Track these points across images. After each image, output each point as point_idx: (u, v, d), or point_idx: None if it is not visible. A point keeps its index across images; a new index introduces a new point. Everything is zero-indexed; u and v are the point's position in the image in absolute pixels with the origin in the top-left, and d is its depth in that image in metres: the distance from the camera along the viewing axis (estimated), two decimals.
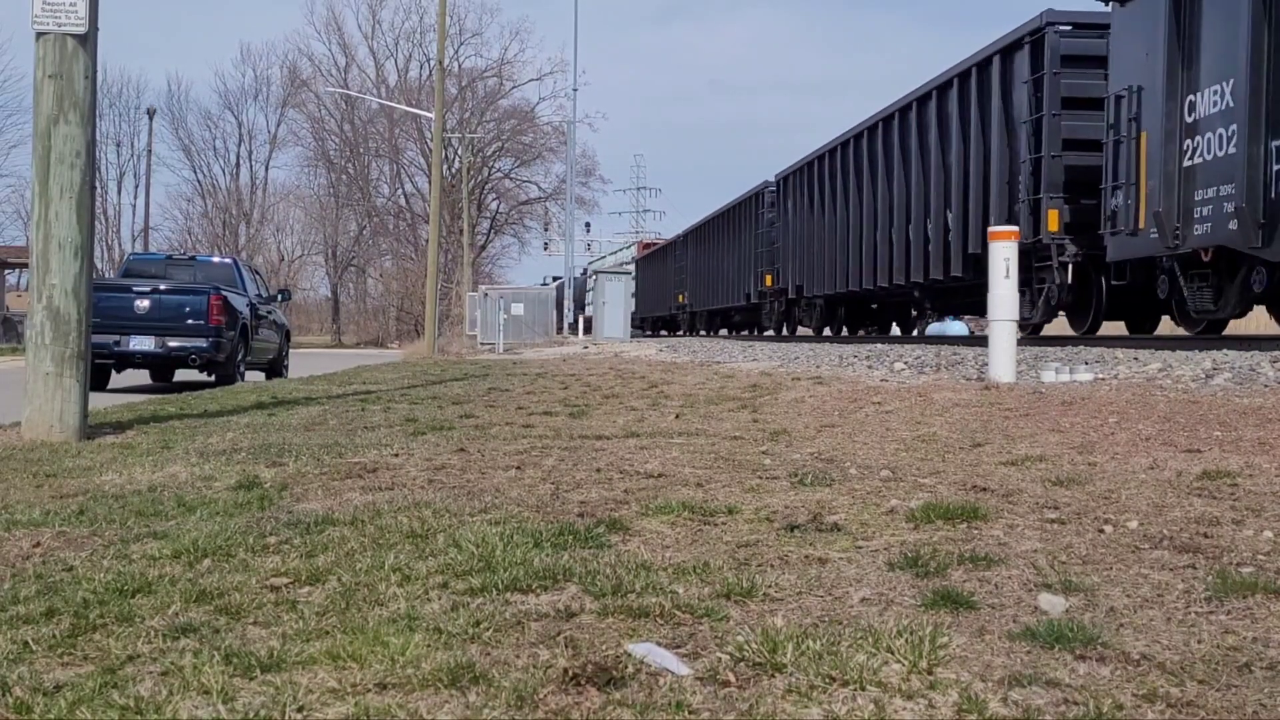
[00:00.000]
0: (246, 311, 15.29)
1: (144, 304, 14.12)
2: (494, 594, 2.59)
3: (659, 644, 2.20)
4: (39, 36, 6.20)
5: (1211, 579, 2.60)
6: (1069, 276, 13.57)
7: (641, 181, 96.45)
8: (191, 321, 14.05)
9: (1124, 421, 5.32)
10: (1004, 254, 8.05)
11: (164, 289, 14.51)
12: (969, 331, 26.31)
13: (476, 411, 7.69)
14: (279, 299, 18.30)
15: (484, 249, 63.59)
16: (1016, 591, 2.57)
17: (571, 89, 51.36)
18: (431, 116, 32.53)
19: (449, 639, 2.25)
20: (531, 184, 63.91)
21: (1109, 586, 2.59)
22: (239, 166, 67.71)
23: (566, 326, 43.66)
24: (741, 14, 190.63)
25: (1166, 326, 14.37)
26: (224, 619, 2.43)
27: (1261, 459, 4.17)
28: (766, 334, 29.15)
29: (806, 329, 25.61)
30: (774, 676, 2.03)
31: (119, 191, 65.65)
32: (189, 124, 73.92)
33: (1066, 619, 2.32)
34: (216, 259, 17.85)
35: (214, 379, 14.62)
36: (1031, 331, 15.27)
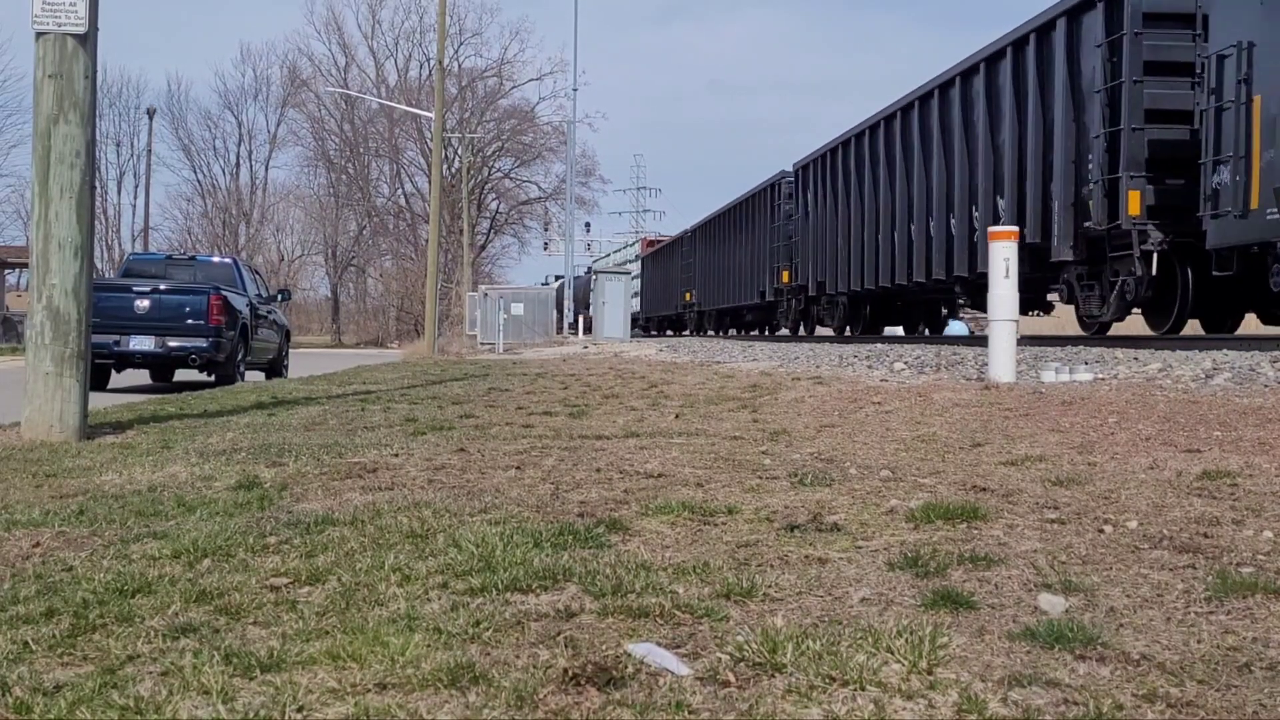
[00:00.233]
0: (246, 311, 15.30)
1: (144, 304, 14.13)
2: (494, 594, 2.59)
3: (659, 644, 2.20)
4: (39, 36, 6.20)
5: (1211, 579, 2.60)
6: (1153, 267, 11.73)
7: (641, 181, 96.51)
8: (191, 321, 14.06)
9: (1124, 421, 5.32)
10: (1004, 254, 8.06)
11: (164, 289, 14.51)
12: (969, 331, 25.94)
13: (476, 411, 7.69)
14: (279, 299, 18.30)
15: (484, 249, 63.59)
16: (1016, 591, 2.57)
17: (571, 89, 51.47)
18: (431, 116, 32.54)
19: (449, 639, 2.25)
20: (531, 184, 64.00)
21: (1109, 586, 2.59)
22: (239, 166, 67.81)
23: (566, 326, 43.66)
24: (741, 14, 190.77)
25: (1250, 324, 13.05)
26: (224, 619, 2.43)
27: (1261, 459, 4.17)
28: (780, 334, 27.88)
29: (826, 328, 24.06)
30: (774, 676, 2.03)
31: (119, 191, 65.74)
32: (189, 124, 74.02)
33: (1066, 619, 2.32)
34: (216, 259, 17.85)
35: (214, 379, 14.62)
36: (1098, 331, 14.02)
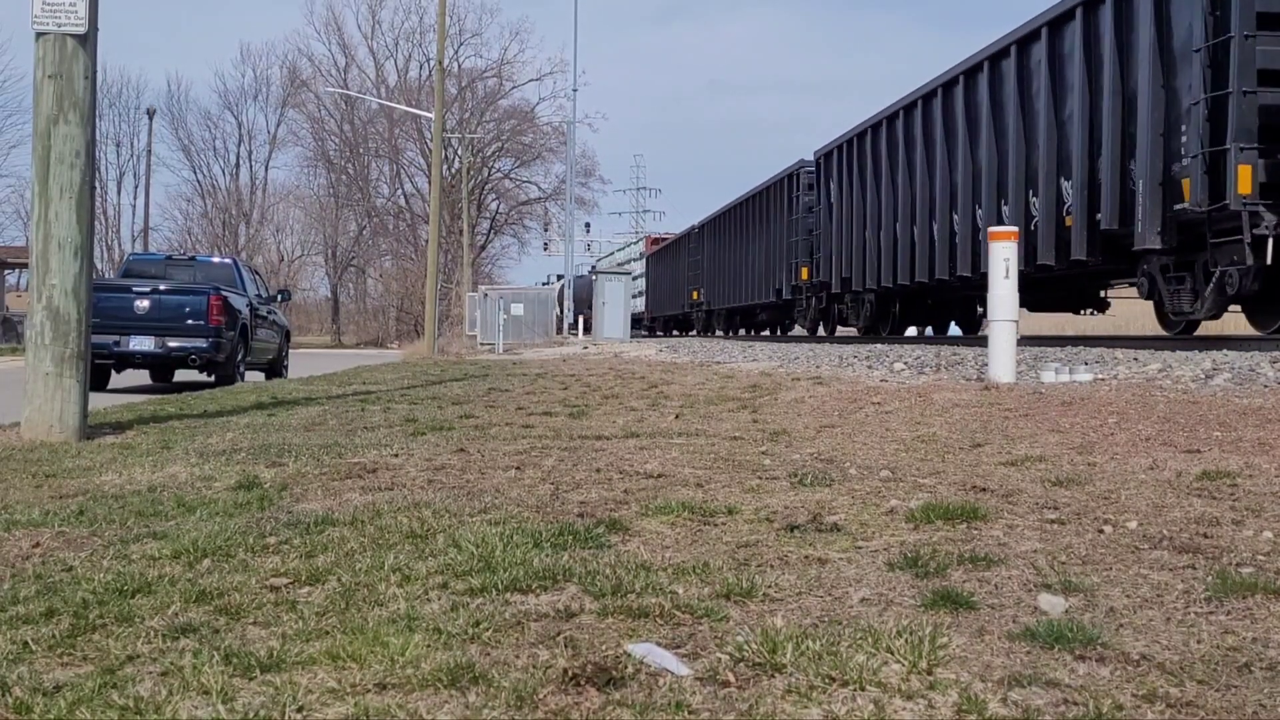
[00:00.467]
0: (246, 311, 15.30)
1: (144, 304, 14.13)
2: (494, 594, 2.59)
3: (659, 644, 2.20)
4: (39, 36, 6.20)
5: (1211, 579, 2.60)
6: (1267, 256, 10.00)
7: (641, 181, 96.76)
8: (191, 322, 14.06)
9: (1124, 422, 5.32)
10: (1004, 254, 8.05)
11: (164, 289, 14.51)
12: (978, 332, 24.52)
13: (476, 412, 7.69)
14: (279, 299, 18.30)
15: (484, 249, 63.60)
16: (1016, 592, 2.57)
17: (571, 89, 51.50)
18: (431, 116, 32.53)
19: (449, 639, 2.25)
20: (531, 184, 64.02)
21: (1109, 587, 2.59)
22: (239, 166, 67.83)
23: (567, 327, 43.66)
24: (741, 14, 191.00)
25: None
26: (224, 619, 2.43)
27: (1261, 459, 4.17)
28: (794, 334, 26.78)
29: (848, 328, 22.34)
30: (774, 677, 2.03)
31: (119, 191, 65.77)
32: (189, 124, 74.06)
33: (1066, 619, 2.32)
34: (216, 259, 17.85)
35: (214, 379, 14.62)
36: (1184, 330, 12.33)
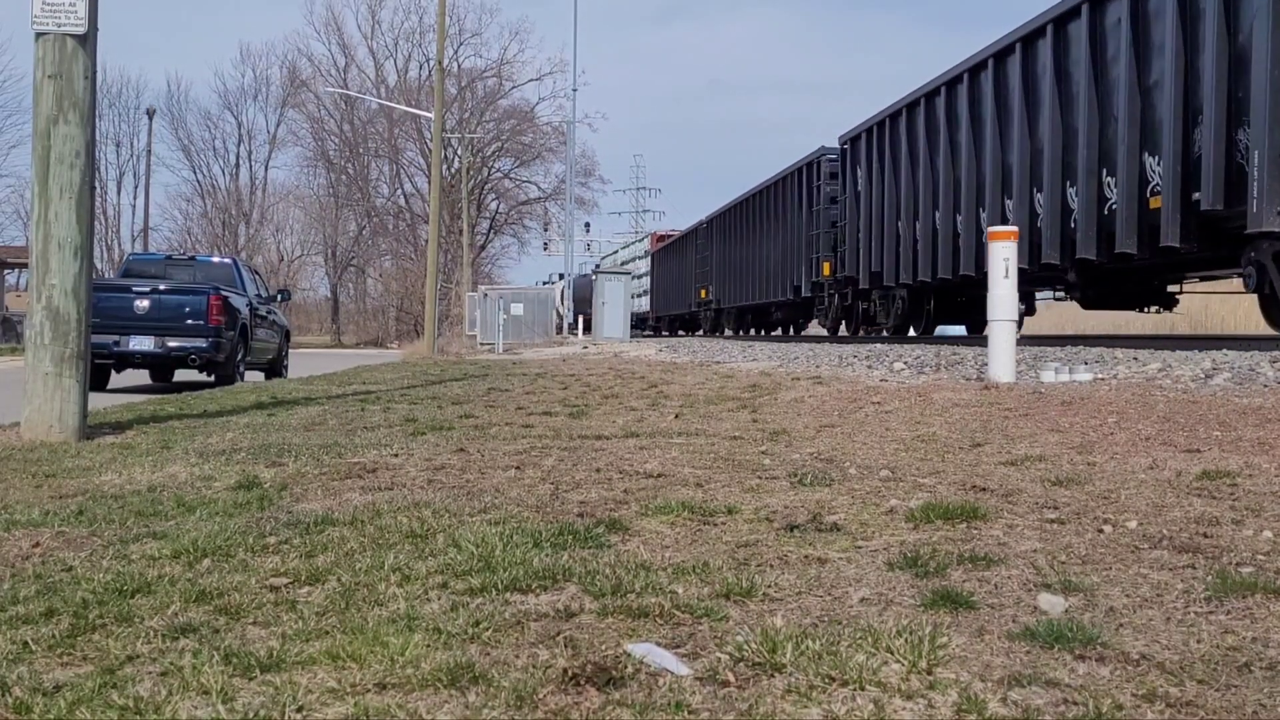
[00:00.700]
0: (246, 311, 15.30)
1: (144, 304, 14.13)
2: (493, 594, 2.59)
3: (659, 644, 2.20)
4: (39, 37, 6.20)
5: (1211, 579, 2.60)
6: None
7: (641, 181, 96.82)
8: (191, 321, 14.06)
9: (1123, 421, 5.32)
10: (1003, 254, 8.05)
11: (164, 289, 14.51)
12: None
13: (476, 411, 7.69)
14: (279, 299, 18.30)
15: (484, 249, 63.59)
16: (1016, 591, 2.57)
17: (571, 89, 51.52)
18: (431, 116, 32.53)
19: (449, 639, 2.25)
20: (531, 184, 64.02)
21: (1108, 586, 2.59)
22: (239, 166, 67.85)
23: (566, 327, 43.66)
24: (741, 14, 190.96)
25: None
26: (223, 619, 2.43)
27: (1261, 459, 4.17)
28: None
29: (874, 327, 20.96)
30: (773, 676, 2.03)
31: (119, 191, 65.81)
32: (189, 124, 74.17)
33: (1066, 619, 2.32)
34: (216, 259, 17.85)
35: (214, 379, 14.62)
36: None
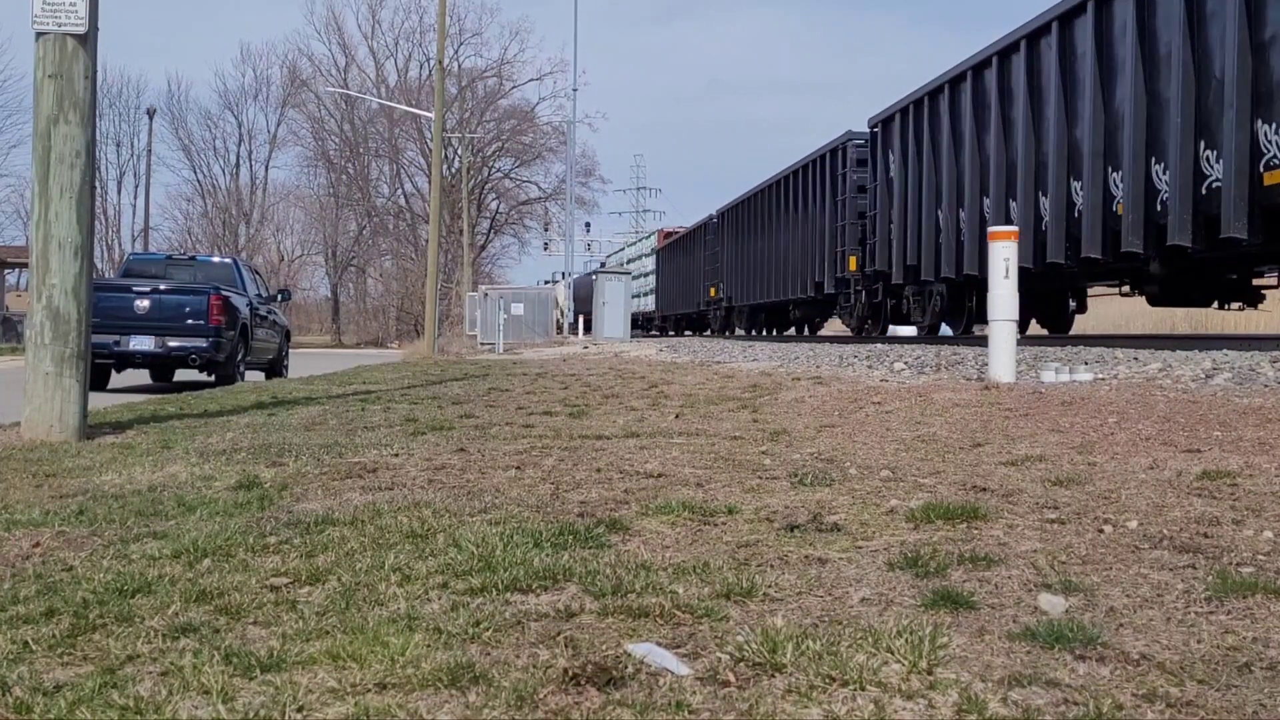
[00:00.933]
0: (246, 311, 15.30)
1: (144, 304, 14.12)
2: (494, 594, 2.59)
3: (659, 644, 2.20)
4: (39, 36, 6.20)
5: (1211, 579, 2.60)
6: None
7: (641, 181, 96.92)
8: (191, 321, 14.06)
9: (1124, 421, 5.32)
10: (1003, 254, 8.05)
11: (164, 289, 14.51)
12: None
13: (476, 411, 7.69)
14: (279, 299, 18.29)
15: (484, 249, 63.57)
16: (1016, 591, 2.57)
17: (571, 89, 51.56)
18: (431, 116, 32.51)
19: (449, 639, 2.25)
20: (531, 184, 63.99)
21: (1109, 586, 2.59)
22: (239, 166, 67.76)
23: (566, 326, 43.66)
24: (741, 14, 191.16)
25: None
26: (224, 619, 2.43)
27: (1261, 459, 4.17)
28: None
29: (905, 325, 19.42)
30: (774, 676, 2.03)
31: (119, 191, 65.75)
32: (189, 124, 73.91)
33: (1066, 619, 2.32)
34: (216, 259, 17.84)
35: (214, 379, 14.62)
36: None
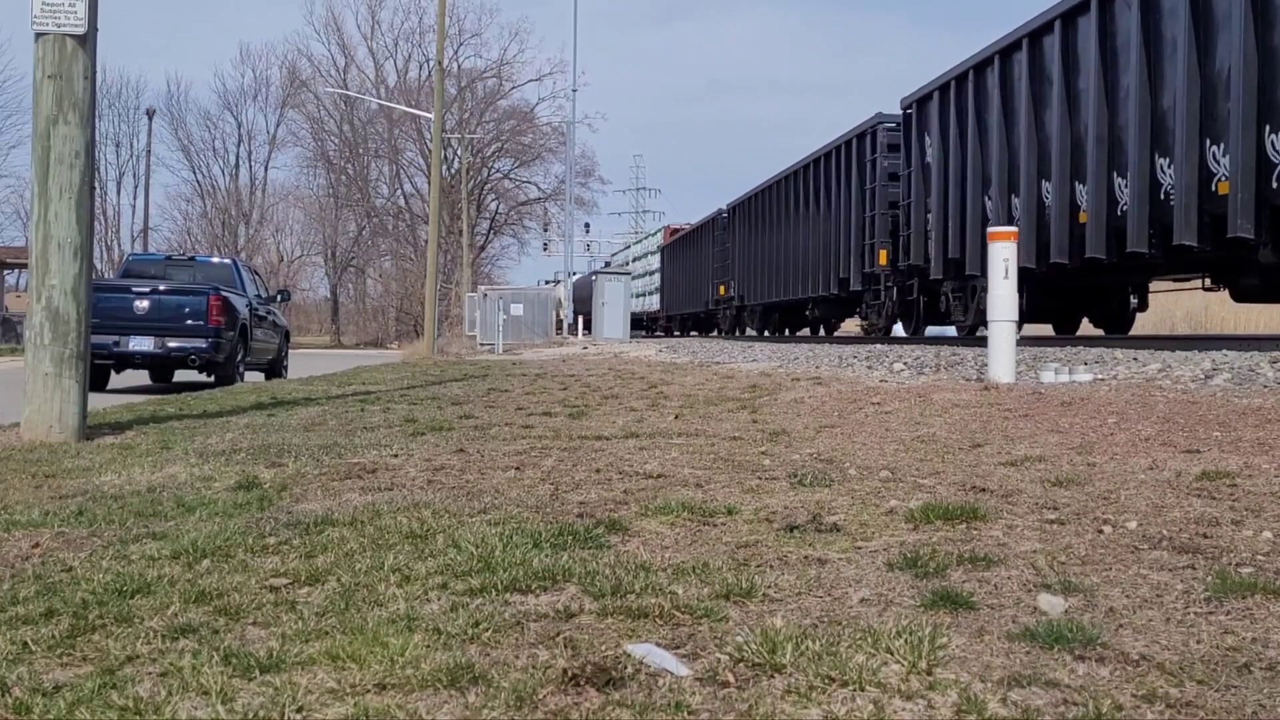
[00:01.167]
0: (246, 312, 15.29)
1: (143, 304, 14.12)
2: (493, 594, 2.59)
3: (658, 644, 2.20)
4: (38, 37, 6.20)
5: (1211, 579, 2.60)
6: None
7: (641, 181, 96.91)
8: (191, 322, 14.05)
9: (1123, 422, 5.32)
10: (1003, 254, 8.05)
11: (163, 289, 14.51)
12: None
13: (476, 412, 7.69)
14: (278, 299, 18.29)
15: (483, 249, 63.55)
16: (1016, 592, 2.57)
17: (571, 89, 51.56)
18: (431, 117, 32.51)
19: (448, 639, 2.25)
20: (531, 184, 63.97)
21: (1108, 587, 2.59)
22: (238, 167, 67.74)
23: (566, 327, 43.66)
24: (741, 14, 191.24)
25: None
26: (223, 619, 2.43)
27: (1261, 459, 4.17)
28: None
29: (942, 325, 17.95)
30: (773, 677, 2.03)
31: (118, 192, 65.71)
32: (188, 124, 73.93)
33: (1066, 619, 2.32)
34: (216, 259, 17.84)
35: (213, 379, 14.62)
36: None
